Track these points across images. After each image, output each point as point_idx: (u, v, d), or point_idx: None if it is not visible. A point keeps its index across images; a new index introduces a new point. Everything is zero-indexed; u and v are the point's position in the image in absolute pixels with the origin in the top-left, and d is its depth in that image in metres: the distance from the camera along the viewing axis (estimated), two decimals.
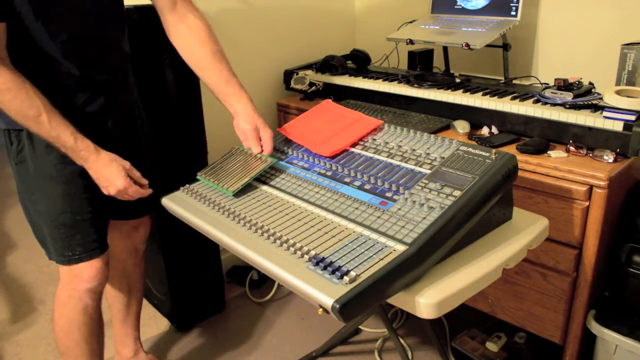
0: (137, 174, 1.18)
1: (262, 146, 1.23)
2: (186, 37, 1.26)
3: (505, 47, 1.70)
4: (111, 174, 1.14)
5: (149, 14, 1.46)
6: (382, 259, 0.84)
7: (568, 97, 1.40)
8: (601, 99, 1.37)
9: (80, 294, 1.26)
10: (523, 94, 1.52)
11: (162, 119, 1.62)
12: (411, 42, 1.77)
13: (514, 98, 1.51)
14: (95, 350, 1.34)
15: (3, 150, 1.21)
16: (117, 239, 1.45)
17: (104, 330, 1.37)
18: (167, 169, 1.59)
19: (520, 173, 1.26)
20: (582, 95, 1.41)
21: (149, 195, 1.21)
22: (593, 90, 1.45)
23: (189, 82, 1.67)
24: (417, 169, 1.05)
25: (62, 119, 1.08)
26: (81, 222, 1.21)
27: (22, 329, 1.94)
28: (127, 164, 1.16)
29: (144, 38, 1.51)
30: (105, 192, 1.16)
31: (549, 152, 1.35)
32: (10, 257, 2.50)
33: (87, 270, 1.24)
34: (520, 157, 1.33)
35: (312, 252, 0.87)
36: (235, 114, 1.25)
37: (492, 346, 1.59)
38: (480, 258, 0.96)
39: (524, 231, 1.06)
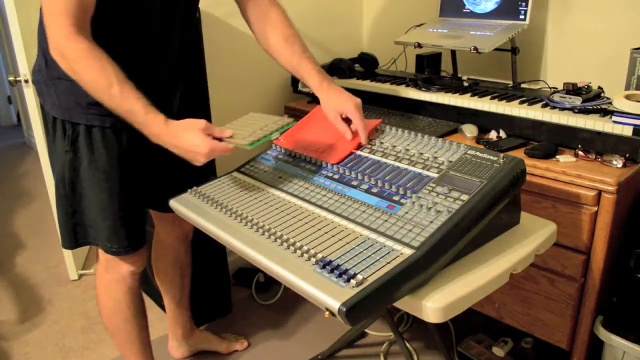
0: (216, 130, 1.06)
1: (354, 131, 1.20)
2: (259, 24, 1.29)
3: (514, 51, 1.70)
4: (189, 142, 1.03)
5: None
6: (389, 263, 0.84)
7: (577, 101, 1.39)
8: (610, 103, 1.36)
9: (124, 277, 1.34)
10: (531, 98, 1.52)
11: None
12: (419, 45, 1.77)
13: (522, 102, 1.50)
14: (143, 326, 1.43)
15: (12, 152, 1.23)
16: (170, 230, 1.51)
17: (145, 307, 1.44)
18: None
19: (528, 177, 1.25)
20: (591, 99, 1.40)
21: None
22: (602, 94, 1.44)
23: (196, 82, 1.68)
24: (425, 172, 1.05)
25: (135, 92, 1.03)
26: (130, 216, 1.26)
27: (31, 329, 1.96)
28: (201, 123, 1.04)
29: None
30: (196, 164, 1.06)
31: (557, 156, 1.34)
32: (19, 257, 2.52)
33: (131, 259, 1.31)
34: (529, 162, 1.32)
35: (319, 255, 0.88)
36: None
37: (498, 351, 1.59)
38: (487, 262, 0.96)
39: (532, 236, 1.06)
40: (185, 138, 1.03)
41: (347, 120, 1.21)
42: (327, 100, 1.22)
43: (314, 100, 2.01)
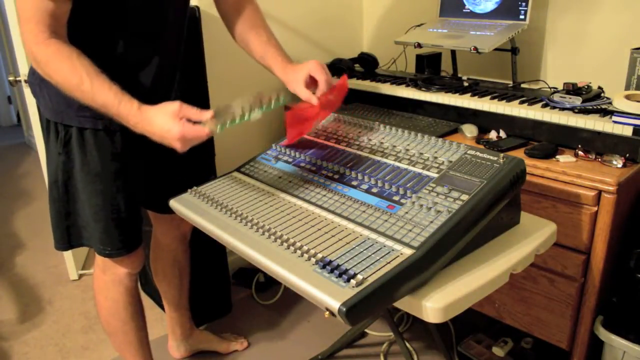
0: (192, 111, 0.99)
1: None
2: (229, 18, 1.33)
3: (514, 51, 1.70)
4: (160, 127, 0.97)
5: None
6: (389, 263, 0.84)
7: (577, 101, 1.39)
8: (610, 103, 1.36)
9: (121, 278, 1.34)
10: (531, 98, 1.52)
11: None
12: (419, 45, 1.77)
13: (522, 102, 1.50)
14: (141, 326, 1.43)
15: (12, 152, 1.23)
16: (167, 231, 1.51)
17: (143, 308, 1.44)
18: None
19: (528, 177, 1.25)
20: (591, 99, 1.40)
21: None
22: (602, 94, 1.44)
23: (196, 82, 1.67)
24: (425, 172, 1.05)
25: (106, 84, 0.99)
26: (123, 218, 1.25)
27: (30, 329, 1.96)
28: (174, 105, 0.98)
29: None
30: (179, 151, 1.00)
31: (557, 156, 1.34)
32: (19, 257, 2.52)
33: (126, 260, 1.31)
34: (529, 162, 1.32)
35: (319, 255, 0.88)
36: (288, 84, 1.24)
37: (498, 351, 1.59)
38: (487, 262, 0.96)
39: (532, 236, 1.06)
40: (157, 123, 0.98)
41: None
42: (290, 77, 1.21)
43: None
